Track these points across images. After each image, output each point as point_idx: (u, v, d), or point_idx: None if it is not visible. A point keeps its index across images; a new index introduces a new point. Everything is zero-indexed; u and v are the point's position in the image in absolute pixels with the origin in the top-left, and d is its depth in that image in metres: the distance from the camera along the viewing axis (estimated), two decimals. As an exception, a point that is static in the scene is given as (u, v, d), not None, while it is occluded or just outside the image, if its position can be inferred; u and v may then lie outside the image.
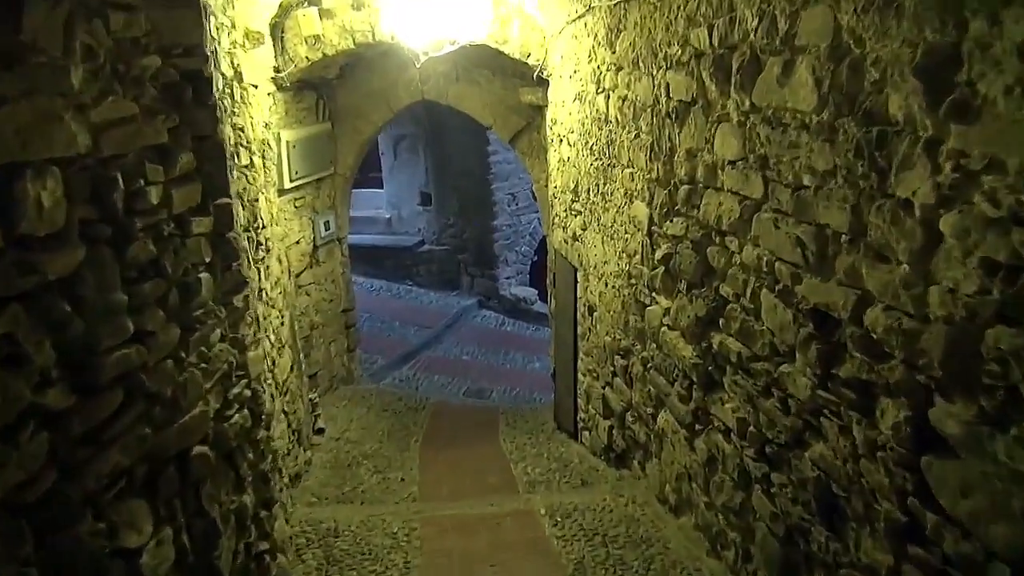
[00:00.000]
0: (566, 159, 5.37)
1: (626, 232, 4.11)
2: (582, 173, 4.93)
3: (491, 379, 9.17)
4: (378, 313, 11.03)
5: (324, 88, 7.14)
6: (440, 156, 11.58)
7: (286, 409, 5.04)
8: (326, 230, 7.38)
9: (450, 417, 7.39)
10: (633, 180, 3.91)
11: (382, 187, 12.96)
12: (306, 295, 7.22)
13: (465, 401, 8.37)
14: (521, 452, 5.75)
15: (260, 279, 4.32)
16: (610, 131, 4.26)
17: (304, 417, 5.90)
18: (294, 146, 6.56)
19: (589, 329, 5.20)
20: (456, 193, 11.59)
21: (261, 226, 4.49)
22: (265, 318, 4.38)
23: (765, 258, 2.48)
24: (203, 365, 2.54)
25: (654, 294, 3.71)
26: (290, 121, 6.63)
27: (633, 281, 4.04)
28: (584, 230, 5.04)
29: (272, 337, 4.62)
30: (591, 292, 5.02)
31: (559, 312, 6.14)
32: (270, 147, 6.32)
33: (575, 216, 5.24)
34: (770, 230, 2.43)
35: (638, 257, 3.92)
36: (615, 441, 4.74)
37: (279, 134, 6.39)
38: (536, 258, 12.25)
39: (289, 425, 5.13)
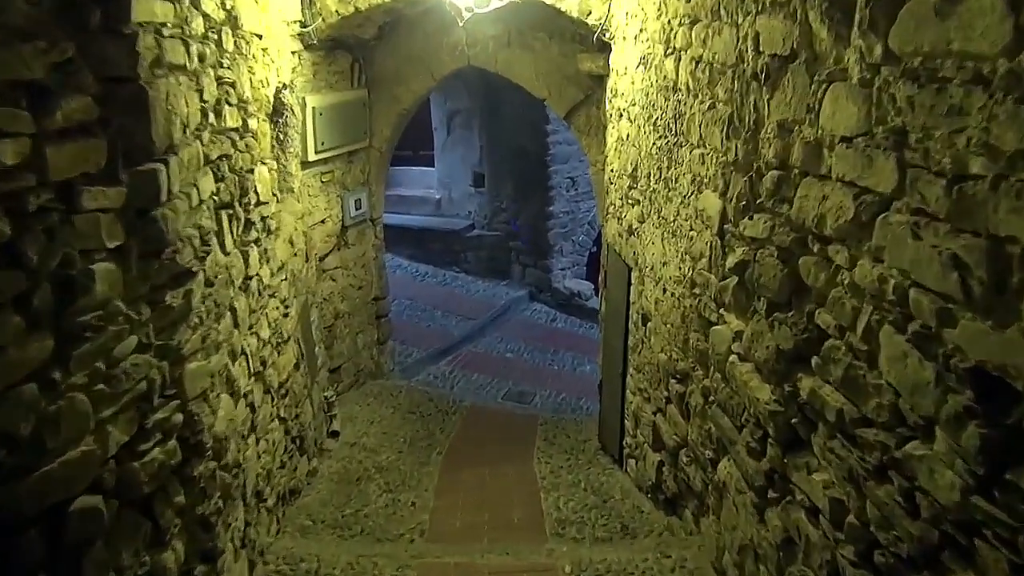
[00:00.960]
0: (625, 137, 4.60)
1: (691, 229, 3.35)
2: (643, 154, 4.17)
3: (535, 381, 8.49)
4: (420, 300, 10.48)
5: (360, 51, 6.53)
6: (496, 134, 10.90)
7: (284, 415, 4.47)
8: (357, 209, 6.81)
9: (483, 425, 6.75)
10: (704, 163, 3.14)
11: (433, 165, 12.38)
12: (331, 280, 6.67)
13: (503, 406, 7.72)
14: (555, 477, 5.06)
15: (249, 265, 3.73)
16: (679, 101, 3.49)
17: (313, 420, 5.35)
18: (321, 113, 5.99)
19: (641, 341, 4.45)
20: (511, 175, 10.90)
21: (255, 202, 3.90)
22: (254, 311, 3.80)
23: (892, 281, 1.71)
24: (99, 387, 1.93)
25: (722, 311, 2.94)
26: (319, 85, 6.05)
27: (697, 291, 3.28)
28: (641, 223, 4.28)
29: (265, 333, 4.04)
30: (646, 298, 4.26)
31: (609, 317, 5.40)
32: (293, 113, 5.76)
33: (632, 206, 4.49)
34: (904, 240, 1.65)
35: (704, 261, 3.15)
36: (665, 480, 4.00)
37: (304, 99, 5.82)
38: (595, 249, 11.47)
39: (288, 432, 4.57)
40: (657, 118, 3.84)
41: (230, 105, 3.46)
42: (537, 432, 6.48)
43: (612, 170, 5.06)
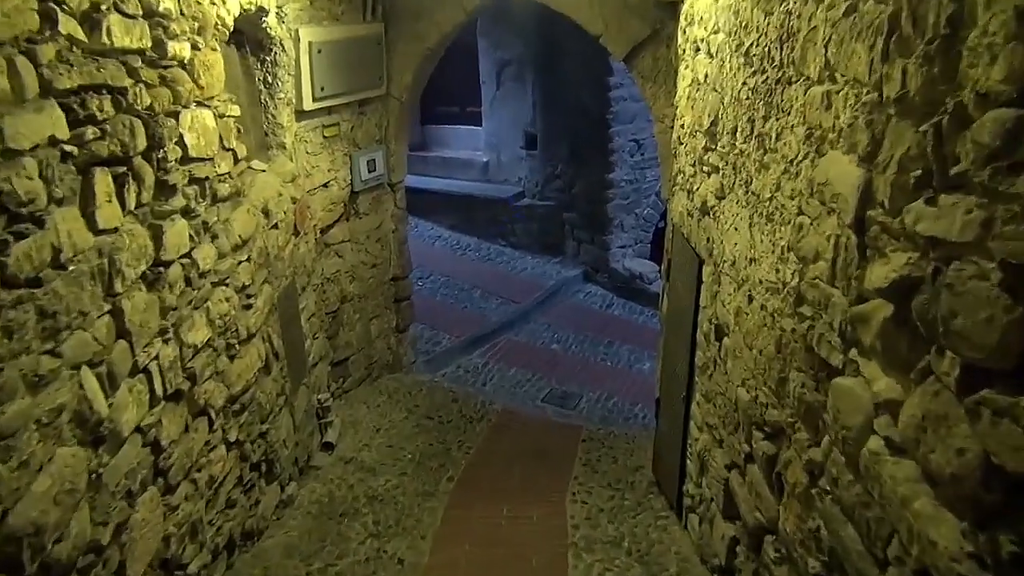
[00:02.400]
0: (702, 79, 3.43)
1: (800, 212, 2.20)
2: (726, 101, 3.00)
3: (583, 380, 7.41)
4: (458, 277, 9.49)
5: (374, -26, 5.48)
6: (551, 88, 9.71)
7: (237, 437, 3.54)
8: (370, 171, 5.82)
9: (513, 437, 5.74)
10: (830, 107, 1.98)
11: (481, 125, 11.29)
12: (336, 257, 5.72)
13: (542, 411, 6.69)
14: (592, 527, 4.02)
15: (164, 247, 2.76)
16: (787, 12, 2.32)
17: (294, 435, 4.43)
18: (320, 51, 4.98)
19: (714, 362, 3.33)
20: (567, 136, 9.72)
21: (179, 158, 2.92)
22: (172, 309, 2.84)
23: None
24: None
25: (856, 354, 1.81)
26: (318, 15, 5.03)
27: (806, 310, 2.15)
28: (720, 199, 3.13)
29: (199, 336, 3.09)
30: (722, 304, 3.14)
31: (672, 319, 4.27)
32: (283, 49, 4.77)
33: (708, 175, 3.34)
34: None
35: (823, 267, 2.01)
36: (740, 570, 2.91)
37: (297, 31, 4.81)
38: (661, 224, 10.24)
39: (244, 459, 3.65)
40: (751, 44, 2.67)
41: (123, 15, 2.46)
42: (578, 451, 5.43)
43: (683, 126, 3.90)
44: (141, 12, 2.59)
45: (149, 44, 2.66)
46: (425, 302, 8.45)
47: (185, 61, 3.00)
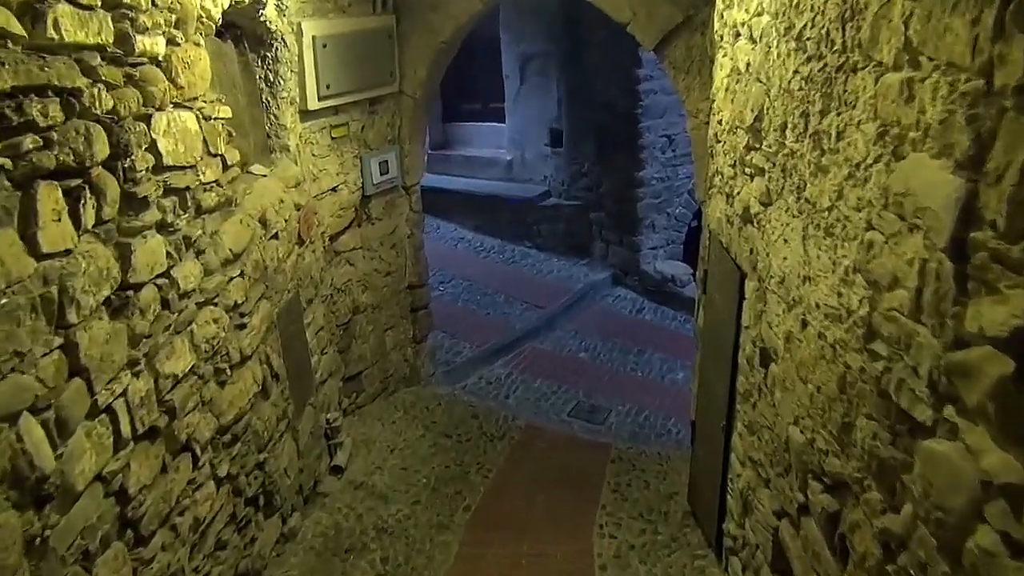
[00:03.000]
0: (744, 68, 3.06)
1: (871, 227, 1.84)
2: (773, 93, 2.63)
3: (612, 391, 7.04)
4: (481, 282, 9.16)
5: (384, -37, 5.17)
6: (577, 82, 9.33)
7: (229, 471, 3.26)
8: (383, 174, 5.51)
9: (537, 458, 5.40)
10: (911, 100, 1.61)
11: (504, 121, 10.95)
12: (347, 265, 5.43)
13: (569, 426, 6.34)
14: (621, 568, 3.68)
15: (133, 267, 2.48)
16: (852, -14, 1.95)
17: (298, 461, 4.15)
18: (325, 45, 4.68)
19: (758, 390, 2.96)
20: (594, 132, 9.33)
21: (150, 167, 2.63)
22: (146, 337, 2.56)
23: None
24: None
25: (955, 414, 1.44)
26: (323, 7, 4.73)
27: (881, 348, 1.78)
28: (766, 206, 2.76)
29: (180, 364, 2.80)
30: (768, 325, 2.76)
31: (708, 335, 3.90)
32: (284, 44, 4.48)
33: (750, 177, 2.96)
34: None
35: (906, 297, 1.64)
36: (792, 636, 2.54)
37: (299, 25, 4.52)
38: (695, 223, 9.82)
39: (238, 493, 3.36)
40: (804, 26, 2.30)
41: (76, 5, 2.17)
42: (606, 474, 5.08)
43: (720, 122, 3.52)
44: (100, 2, 2.29)
45: (111, 39, 2.37)
46: (446, 308, 8.15)
47: (159, 58, 2.70)
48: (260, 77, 4.50)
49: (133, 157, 2.47)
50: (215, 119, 3.24)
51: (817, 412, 2.25)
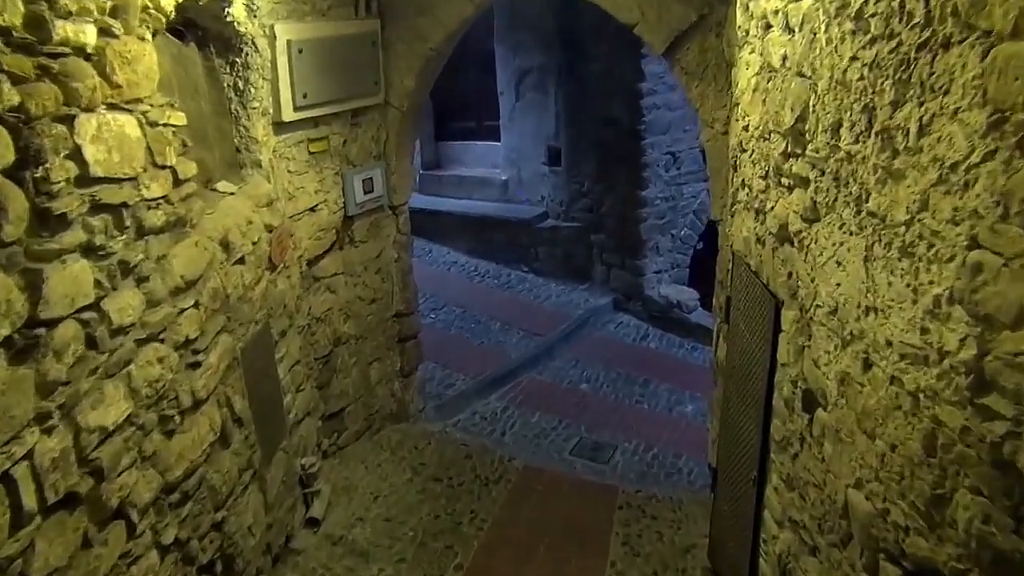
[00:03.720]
0: (777, 64, 2.66)
1: (978, 245, 1.42)
2: (822, 87, 2.22)
3: (616, 427, 6.60)
4: (475, 308, 8.74)
5: (368, -38, 4.81)
6: (576, 97, 8.98)
7: (179, 536, 2.81)
8: (367, 192, 5.11)
9: (536, 506, 4.94)
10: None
11: (499, 140, 10.59)
12: (328, 292, 5.00)
13: (571, 467, 5.89)
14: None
15: (46, 300, 2.05)
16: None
17: (266, 516, 3.69)
18: (301, 51, 4.30)
19: (800, 439, 2.53)
20: (594, 149, 8.96)
21: (70, 180, 2.21)
22: (62, 385, 2.12)
23: None
24: None
25: None
26: (298, 9, 4.35)
27: (1006, 407, 1.36)
28: (811, 222, 2.35)
29: (110, 415, 2.36)
30: (816, 363, 2.34)
31: (733, 370, 3.47)
32: (255, 48, 4.09)
33: (788, 189, 2.56)
34: None
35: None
36: None
37: (272, 28, 4.14)
38: (700, 245, 9.45)
39: (190, 561, 2.91)
40: (864, 2, 1.90)
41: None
42: (614, 524, 4.63)
43: (746, 128, 3.12)
44: (3, -24, 1.89)
45: (18, 21, 1.97)
46: (437, 337, 7.72)
47: (87, 50, 2.30)
48: (228, 85, 4.11)
49: (47, 165, 2.06)
50: (164, 125, 2.83)
51: (891, 477, 1.82)
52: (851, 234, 2.04)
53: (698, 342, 8.50)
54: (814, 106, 2.25)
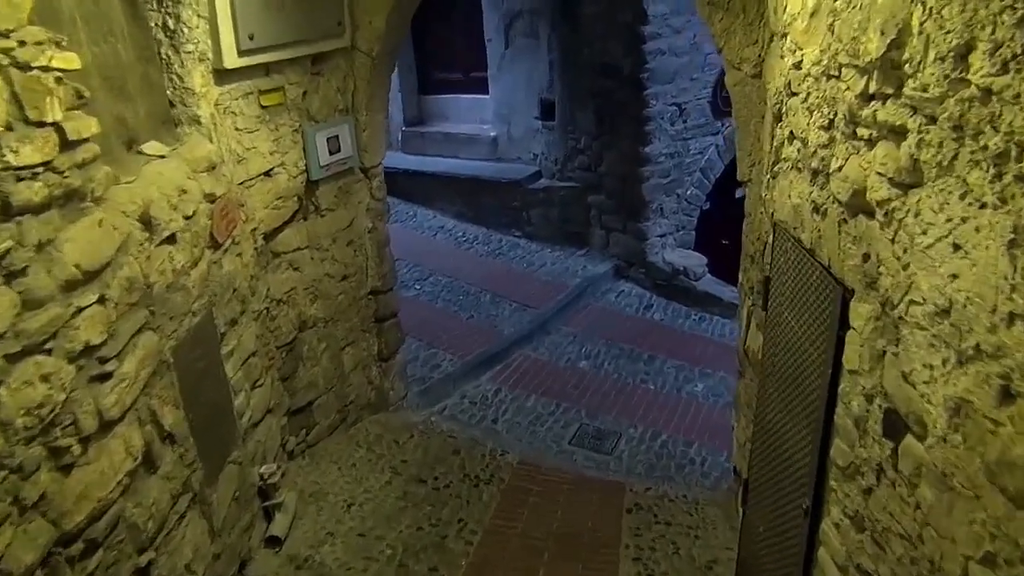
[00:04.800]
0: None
1: None
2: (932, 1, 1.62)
3: (620, 410, 6.09)
4: (463, 278, 8.17)
5: None
6: (571, 43, 8.27)
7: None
8: (332, 153, 4.48)
9: (533, 510, 4.41)
10: None
11: (488, 92, 9.90)
12: (290, 269, 4.41)
13: (571, 459, 5.37)
14: None
15: None
16: None
17: (209, 547, 3.14)
18: (244, -19, 3.62)
19: (878, 471, 1.97)
20: (592, 101, 8.28)
21: None
22: None
23: None
24: None
25: None
26: (240, -69, 3.66)
27: None
28: (907, 188, 1.75)
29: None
30: (906, 377, 1.77)
31: (772, 366, 2.90)
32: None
33: (868, 143, 1.95)
34: None
35: None
36: None
37: (203, -48, 3.46)
38: (708, 205, 8.85)
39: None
40: None
41: None
42: (623, 531, 4.12)
43: (798, 64, 2.50)
44: None
45: None
46: (422, 311, 7.18)
47: None
48: (156, 24, 3.46)
49: None
50: (43, 69, 2.20)
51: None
52: (983, 207, 1.45)
53: (706, 312, 7.98)
54: (921, 24, 1.63)
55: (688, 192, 8.53)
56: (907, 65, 1.70)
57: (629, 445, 5.59)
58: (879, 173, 1.89)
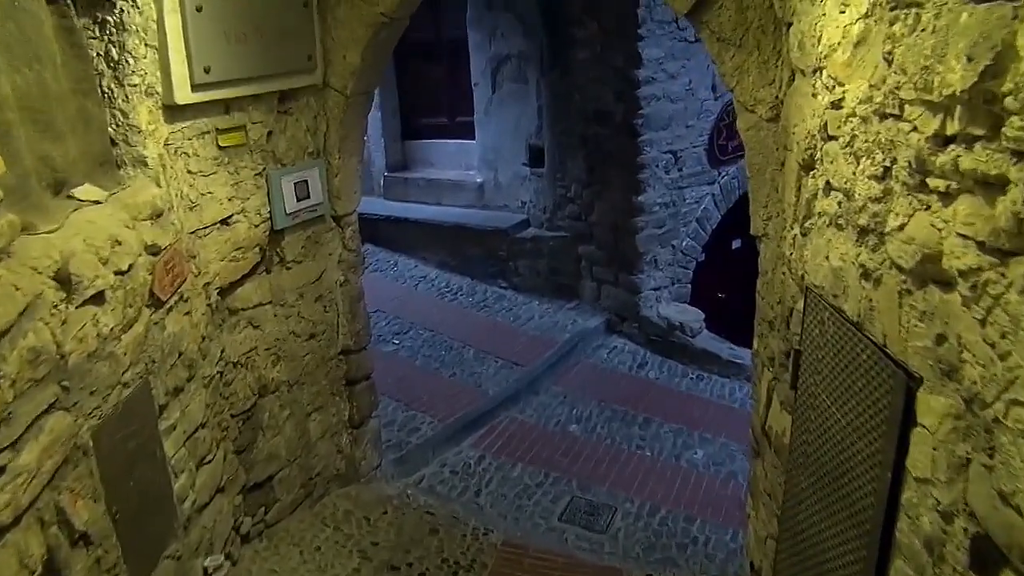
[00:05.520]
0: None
1: None
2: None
3: (615, 481, 5.64)
4: (446, 332, 7.75)
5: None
6: (561, 88, 7.99)
7: None
8: (300, 199, 4.10)
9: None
10: None
11: (474, 138, 9.62)
12: (250, 328, 3.98)
13: (562, 538, 4.91)
14: None
15: None
16: None
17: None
18: (200, 8, 3.28)
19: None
20: (582, 148, 7.97)
21: None
22: None
23: None
24: None
25: None
26: (198, -46, 3.32)
27: None
28: (1010, 256, 1.38)
29: None
30: (1006, 499, 1.37)
31: (802, 455, 2.49)
32: (134, 3, 3.09)
33: (944, 197, 1.58)
34: None
35: None
36: None
37: (155, -25, 3.11)
38: (703, 257, 8.51)
39: None
40: None
41: None
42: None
43: (836, 104, 2.14)
44: None
45: None
46: (401, 368, 6.76)
47: None
48: (98, 53, 3.09)
49: None
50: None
51: None
52: None
53: (703, 370, 7.58)
54: (1034, 46, 1.28)
55: (683, 243, 8.19)
56: (1009, 99, 1.33)
57: (625, 521, 5.13)
58: (961, 235, 1.51)
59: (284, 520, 4.39)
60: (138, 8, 3.09)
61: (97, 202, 2.89)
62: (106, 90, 3.13)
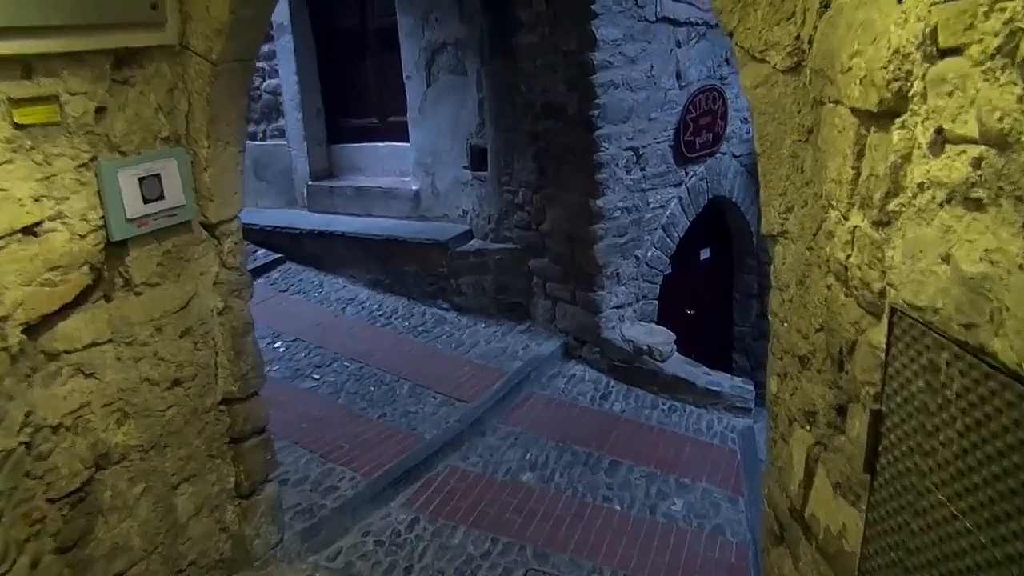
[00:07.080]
0: None
1: None
2: None
3: (579, 543, 4.73)
4: (376, 363, 6.79)
5: None
6: (505, 80, 7.10)
7: None
8: (148, 200, 3.11)
9: None
10: None
11: (408, 140, 8.70)
12: (79, 376, 2.97)
13: (513, 631, 3.96)
14: None
15: None
16: None
17: None
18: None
19: None
20: (531, 147, 7.08)
21: None
22: None
23: None
24: None
25: None
26: None
27: None
28: None
29: None
30: None
31: (884, 568, 1.61)
32: None
33: None
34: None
35: None
36: None
37: None
38: (671, 271, 7.70)
39: None
40: None
41: None
42: None
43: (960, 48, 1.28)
44: None
45: None
46: (320, 409, 5.80)
47: None
48: None
49: None
50: None
51: None
52: None
53: (676, 400, 6.75)
54: None
55: (649, 254, 7.35)
56: None
57: (593, 600, 4.22)
58: None
59: (141, 631, 3.37)
60: None
61: None
62: None
